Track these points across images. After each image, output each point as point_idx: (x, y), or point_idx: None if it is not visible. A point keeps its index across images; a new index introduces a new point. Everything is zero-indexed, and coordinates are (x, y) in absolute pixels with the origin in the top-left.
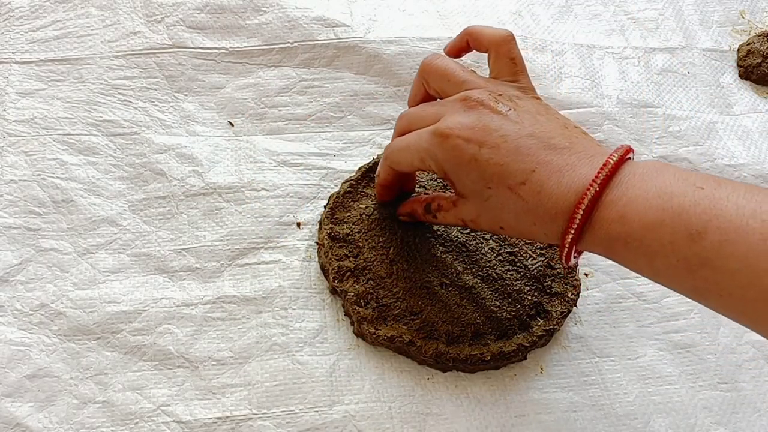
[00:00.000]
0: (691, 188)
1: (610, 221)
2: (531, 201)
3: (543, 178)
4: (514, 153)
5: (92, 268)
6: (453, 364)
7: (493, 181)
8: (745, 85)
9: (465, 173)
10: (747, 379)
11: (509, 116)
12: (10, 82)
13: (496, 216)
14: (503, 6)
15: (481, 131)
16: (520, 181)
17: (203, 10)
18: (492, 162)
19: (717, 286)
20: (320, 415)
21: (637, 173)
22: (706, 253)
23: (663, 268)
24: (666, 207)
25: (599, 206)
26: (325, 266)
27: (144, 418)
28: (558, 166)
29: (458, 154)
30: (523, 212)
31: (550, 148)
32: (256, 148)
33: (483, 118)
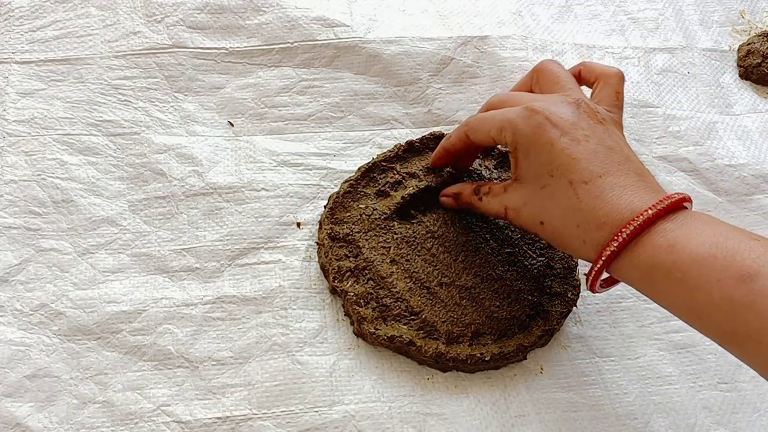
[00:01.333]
0: (746, 236)
1: (658, 247)
2: (585, 202)
3: (606, 186)
4: (591, 154)
5: (92, 268)
6: (453, 364)
7: (558, 171)
8: (745, 85)
9: (536, 153)
10: (747, 379)
11: (606, 123)
12: (10, 82)
13: (543, 207)
14: (503, 6)
15: (569, 123)
16: (584, 179)
17: (203, 10)
18: (566, 152)
19: (758, 332)
20: (320, 415)
21: (695, 215)
22: (753, 296)
23: (702, 304)
24: (720, 245)
25: (650, 231)
26: (325, 266)
27: (144, 418)
28: (624, 183)
29: (539, 132)
30: (573, 210)
31: (624, 166)
32: (256, 148)
33: (577, 114)
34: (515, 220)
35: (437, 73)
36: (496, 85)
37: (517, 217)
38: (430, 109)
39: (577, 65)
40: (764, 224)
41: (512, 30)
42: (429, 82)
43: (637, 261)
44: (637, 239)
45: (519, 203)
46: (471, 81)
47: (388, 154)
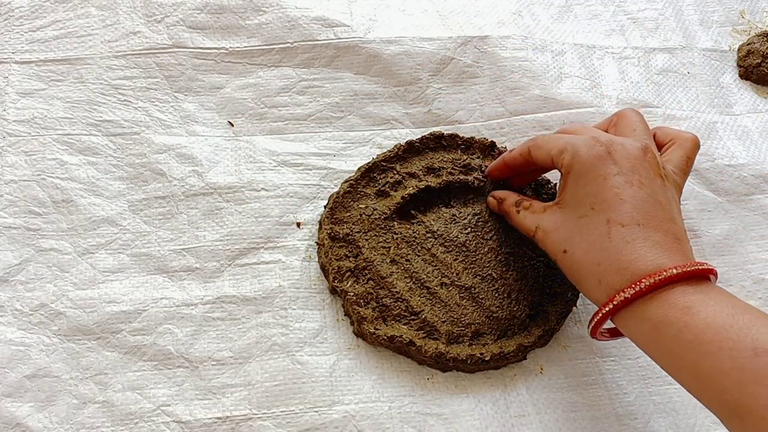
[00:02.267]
0: (763, 315)
1: (674, 305)
2: (614, 243)
3: (640, 236)
4: (638, 202)
5: (92, 268)
6: (453, 364)
7: (601, 206)
8: (745, 85)
9: (586, 182)
10: None
11: (659, 179)
12: (10, 82)
13: (571, 237)
14: (503, 6)
15: (630, 166)
16: (623, 222)
17: (203, 10)
18: (615, 191)
19: (764, 407)
20: (320, 415)
21: (716, 288)
22: (765, 371)
23: (709, 370)
24: (737, 317)
25: (669, 290)
26: (325, 266)
27: (144, 418)
28: (660, 240)
29: (596, 163)
30: (599, 248)
31: (665, 224)
32: (256, 148)
33: (641, 159)
34: (542, 242)
35: (437, 73)
36: (496, 85)
37: (545, 239)
38: (430, 109)
39: (653, 129)
40: (764, 224)
41: (512, 30)
42: (429, 82)
43: (649, 314)
44: (654, 294)
45: (552, 226)
46: (471, 81)
47: (388, 154)
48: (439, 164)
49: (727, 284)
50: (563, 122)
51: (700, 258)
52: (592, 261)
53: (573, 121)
